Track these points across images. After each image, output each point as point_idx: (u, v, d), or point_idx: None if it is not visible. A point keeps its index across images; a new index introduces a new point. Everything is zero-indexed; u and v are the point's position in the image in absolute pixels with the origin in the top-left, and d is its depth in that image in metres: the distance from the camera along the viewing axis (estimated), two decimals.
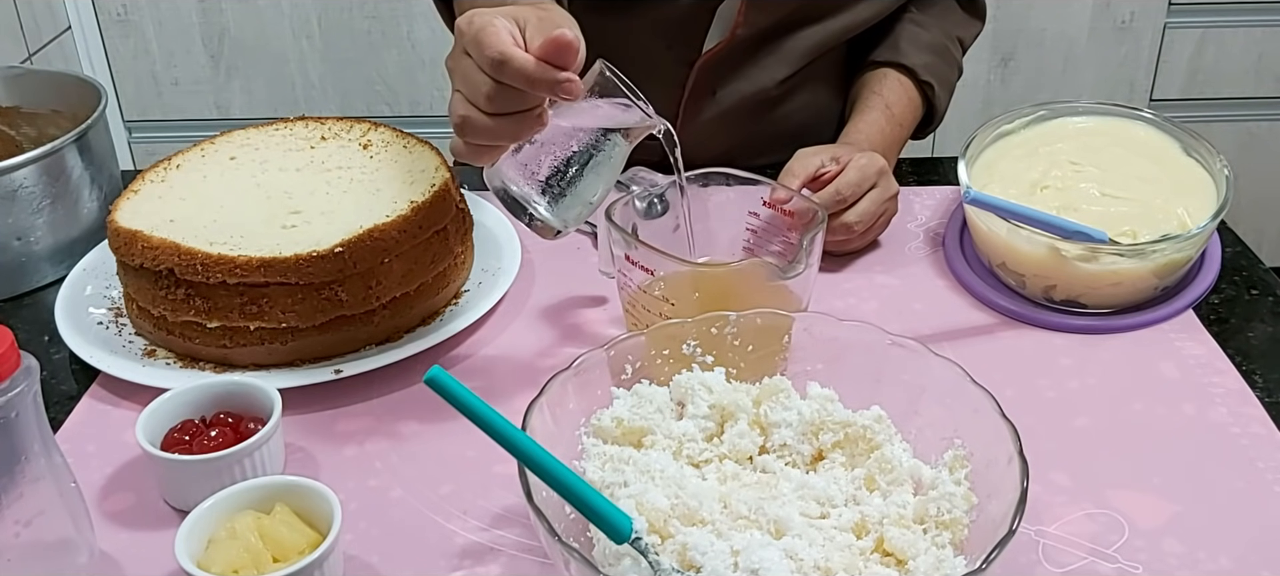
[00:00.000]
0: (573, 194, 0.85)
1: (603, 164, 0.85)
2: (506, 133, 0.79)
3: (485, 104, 0.77)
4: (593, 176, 0.85)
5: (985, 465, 0.72)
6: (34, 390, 0.71)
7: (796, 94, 1.24)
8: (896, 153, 1.19)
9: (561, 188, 0.84)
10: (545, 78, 0.75)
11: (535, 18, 0.78)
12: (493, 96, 0.77)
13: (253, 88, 2.37)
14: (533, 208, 0.84)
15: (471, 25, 0.77)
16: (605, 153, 0.85)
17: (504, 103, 0.77)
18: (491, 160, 0.83)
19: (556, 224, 0.85)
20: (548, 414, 0.74)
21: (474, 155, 0.81)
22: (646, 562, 0.66)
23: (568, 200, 0.85)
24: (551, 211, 0.85)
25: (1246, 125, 2.41)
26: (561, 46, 0.75)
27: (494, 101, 0.77)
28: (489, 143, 0.79)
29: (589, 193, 0.86)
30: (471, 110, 0.78)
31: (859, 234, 1.04)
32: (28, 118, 1.19)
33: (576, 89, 0.76)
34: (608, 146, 0.85)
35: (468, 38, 0.77)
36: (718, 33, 1.17)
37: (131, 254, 0.93)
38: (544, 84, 0.75)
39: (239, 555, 0.71)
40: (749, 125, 1.23)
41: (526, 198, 0.84)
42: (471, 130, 0.78)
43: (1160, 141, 1.07)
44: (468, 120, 0.78)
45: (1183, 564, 0.76)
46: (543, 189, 0.84)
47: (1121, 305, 0.99)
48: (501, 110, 0.77)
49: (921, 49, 1.21)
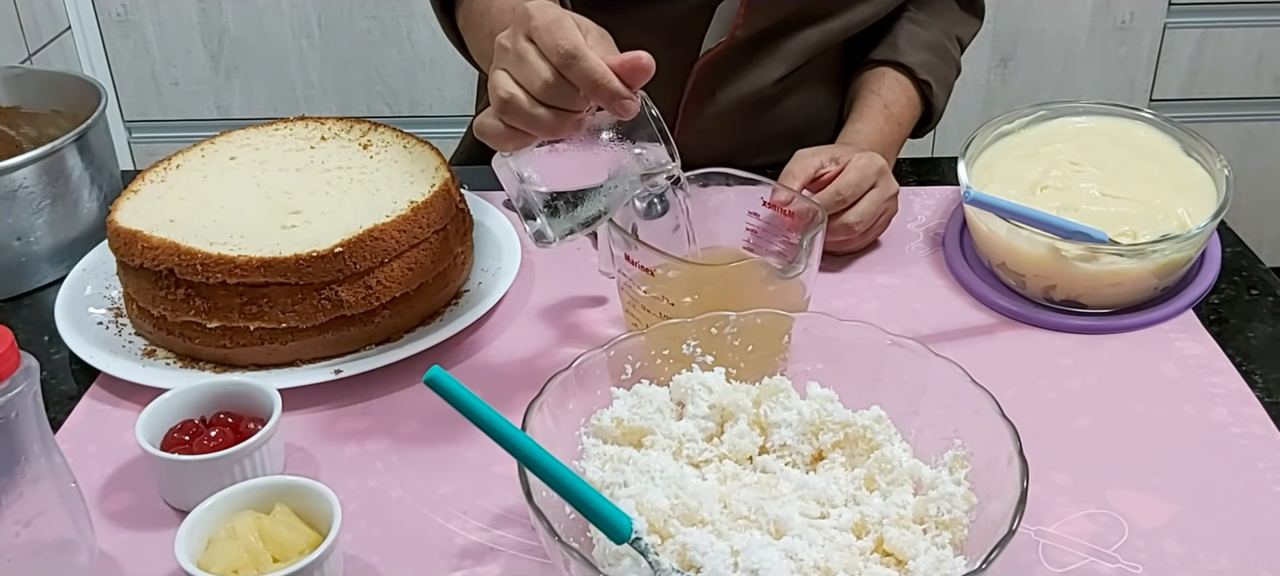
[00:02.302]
0: (574, 214, 0.85)
1: (610, 192, 0.85)
2: (546, 126, 0.79)
3: (540, 92, 0.77)
4: (595, 202, 0.85)
5: (985, 465, 0.72)
6: (34, 390, 0.71)
7: (794, 93, 1.24)
8: (895, 152, 1.19)
9: (566, 203, 0.84)
10: (610, 88, 0.76)
11: (596, 29, 0.79)
12: (550, 87, 0.77)
13: (253, 88, 2.37)
14: (535, 210, 0.84)
15: (545, 13, 0.77)
16: (616, 182, 0.85)
17: (557, 96, 0.77)
18: (516, 148, 0.82)
19: (549, 233, 0.85)
20: (548, 414, 0.74)
21: (504, 139, 0.80)
22: (646, 562, 0.66)
23: (564, 218, 0.84)
24: (548, 222, 0.84)
25: (1246, 125, 2.41)
26: (638, 66, 0.76)
27: (548, 92, 0.77)
28: (527, 129, 0.79)
29: (587, 214, 0.85)
30: (520, 92, 0.78)
31: (859, 234, 1.04)
32: (28, 118, 1.19)
33: (631, 109, 0.77)
34: (621, 177, 0.84)
35: (537, 24, 0.77)
36: (717, 33, 1.17)
37: (131, 254, 0.93)
38: (606, 93, 0.76)
39: (239, 555, 0.71)
40: (748, 125, 1.23)
41: (530, 200, 0.84)
42: (515, 112, 0.78)
43: (1160, 141, 1.07)
44: (515, 101, 0.78)
45: (1183, 564, 0.76)
46: (552, 197, 0.84)
47: (1121, 305, 0.99)
48: (552, 102, 0.77)
49: (919, 48, 1.21)
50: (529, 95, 0.78)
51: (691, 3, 1.15)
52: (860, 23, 1.20)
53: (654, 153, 0.84)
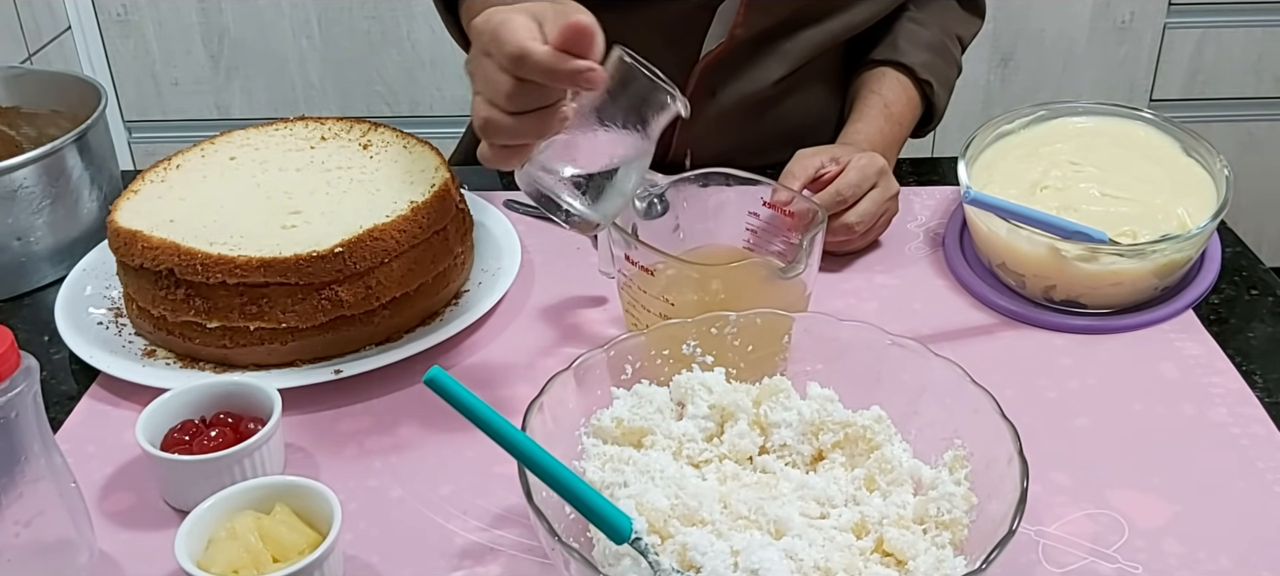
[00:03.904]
0: (610, 188, 0.82)
1: (632, 153, 0.82)
2: (530, 130, 0.77)
3: (507, 103, 0.75)
4: (624, 168, 0.83)
5: (985, 465, 0.72)
6: (34, 390, 0.71)
7: (794, 94, 1.24)
8: (896, 152, 1.19)
9: (597, 182, 0.82)
10: (565, 68, 0.73)
11: (552, 11, 0.76)
12: (513, 94, 0.75)
13: (253, 88, 2.37)
14: (568, 205, 0.82)
15: (489, 22, 0.76)
16: (633, 141, 0.82)
17: (525, 100, 0.76)
18: (520, 161, 0.81)
19: (595, 218, 0.83)
20: (548, 414, 0.74)
21: (501, 158, 0.79)
22: (646, 562, 0.66)
23: (606, 195, 0.82)
24: (590, 207, 0.82)
25: (1246, 125, 2.41)
26: (578, 32, 0.73)
27: (515, 99, 0.75)
28: (514, 142, 0.78)
29: (624, 184, 0.83)
30: (493, 111, 0.77)
31: (859, 234, 1.04)
32: (28, 118, 1.19)
33: (598, 78, 0.74)
34: (635, 135, 0.82)
35: (486, 35, 0.76)
36: (718, 34, 1.17)
37: (131, 254, 0.93)
38: (564, 75, 0.74)
39: (239, 555, 0.71)
40: (748, 125, 1.23)
41: (558, 195, 0.82)
42: (495, 131, 0.77)
43: (1160, 141, 1.07)
44: (490, 121, 0.77)
45: (1183, 564, 0.76)
46: (577, 185, 0.82)
47: (1121, 305, 0.99)
48: (523, 108, 0.76)
49: (920, 47, 1.21)
50: (501, 110, 0.76)
51: (692, 3, 1.15)
52: (860, 23, 1.20)
53: (657, 98, 0.82)
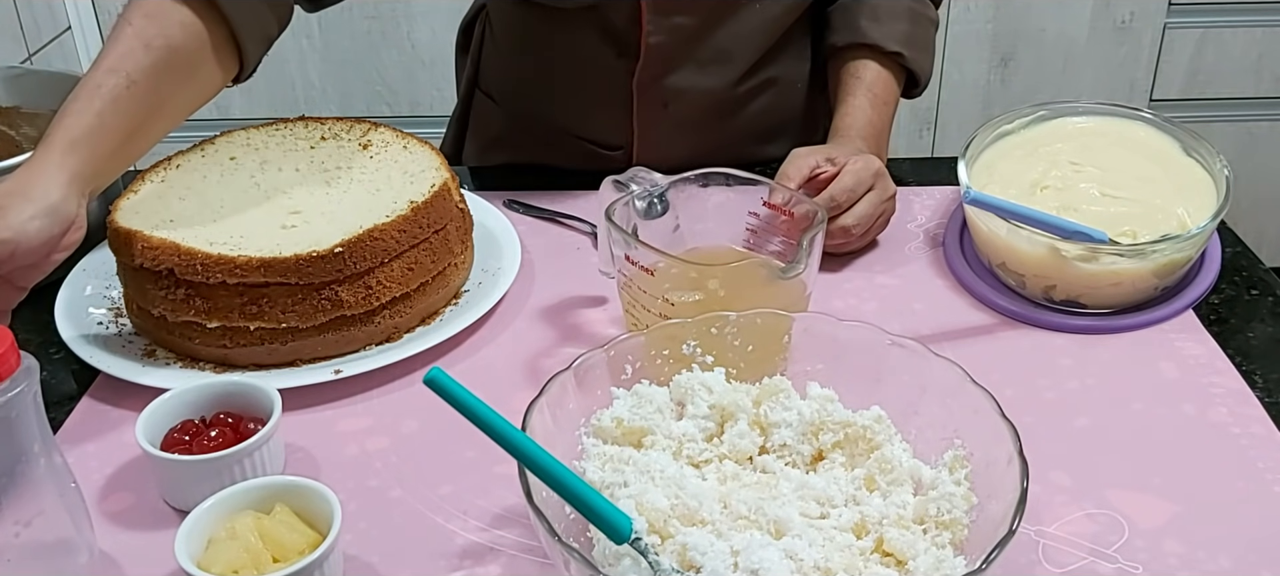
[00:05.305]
0: None
1: None
2: None
3: None
4: None
5: (985, 465, 0.72)
6: (34, 390, 0.71)
7: (760, 95, 1.22)
8: (887, 134, 1.17)
9: None
10: None
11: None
12: None
13: (253, 88, 2.37)
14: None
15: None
16: None
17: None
18: None
19: None
20: (548, 414, 0.74)
21: None
22: (646, 563, 0.66)
23: None
24: None
25: (1246, 125, 2.41)
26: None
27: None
28: None
29: None
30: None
31: (857, 237, 1.04)
32: (28, 118, 1.18)
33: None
34: None
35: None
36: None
37: (131, 254, 0.93)
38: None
39: (239, 555, 0.71)
40: (710, 129, 1.22)
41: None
42: None
43: (1160, 141, 1.07)
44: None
45: (1183, 564, 0.76)
46: None
47: (1121, 305, 0.99)
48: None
49: (879, 20, 1.18)
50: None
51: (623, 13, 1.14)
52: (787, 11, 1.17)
53: None
